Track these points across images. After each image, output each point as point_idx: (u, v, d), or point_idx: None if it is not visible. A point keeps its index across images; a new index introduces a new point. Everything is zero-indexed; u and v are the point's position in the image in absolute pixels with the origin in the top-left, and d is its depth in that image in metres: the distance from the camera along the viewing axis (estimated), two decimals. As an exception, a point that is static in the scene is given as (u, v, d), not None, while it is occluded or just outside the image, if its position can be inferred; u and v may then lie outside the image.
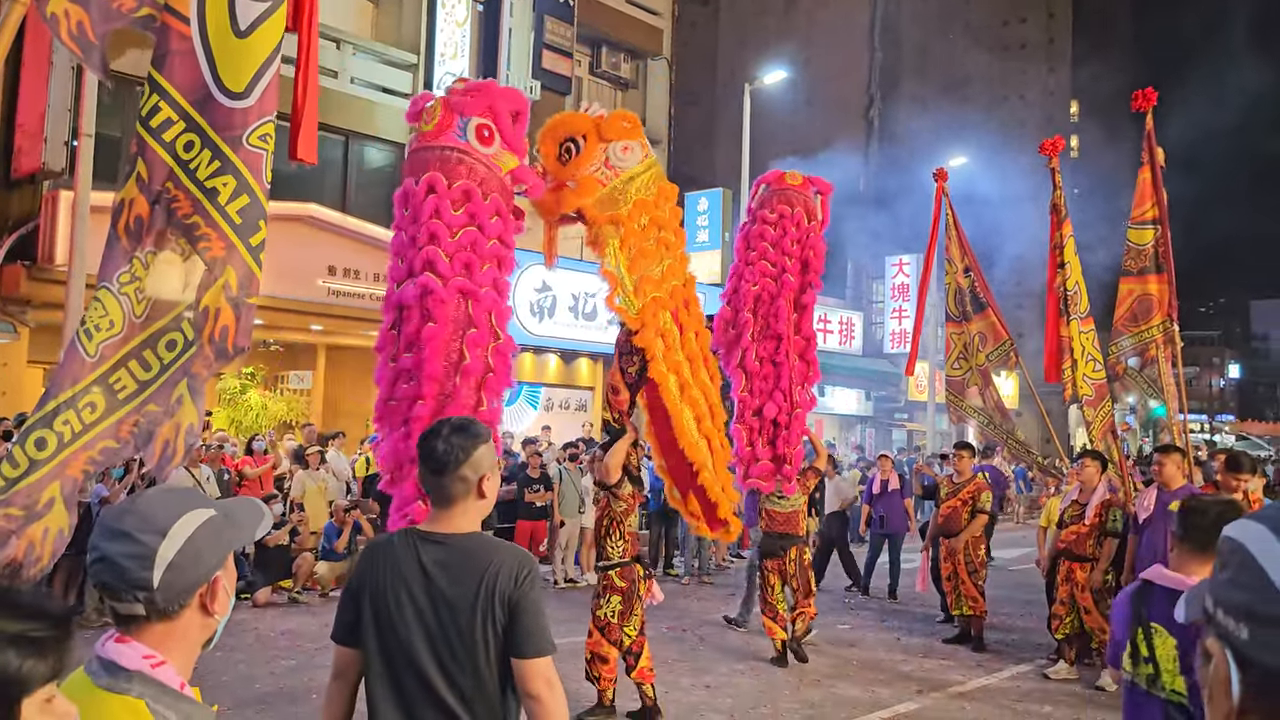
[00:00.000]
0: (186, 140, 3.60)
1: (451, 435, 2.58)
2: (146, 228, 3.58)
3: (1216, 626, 0.87)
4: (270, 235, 12.33)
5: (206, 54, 3.62)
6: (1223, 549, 0.90)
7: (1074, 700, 7.69)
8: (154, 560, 1.58)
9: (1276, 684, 0.81)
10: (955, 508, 9.87)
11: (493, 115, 5.79)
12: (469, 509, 2.62)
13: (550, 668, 2.53)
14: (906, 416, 31.19)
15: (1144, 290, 8.90)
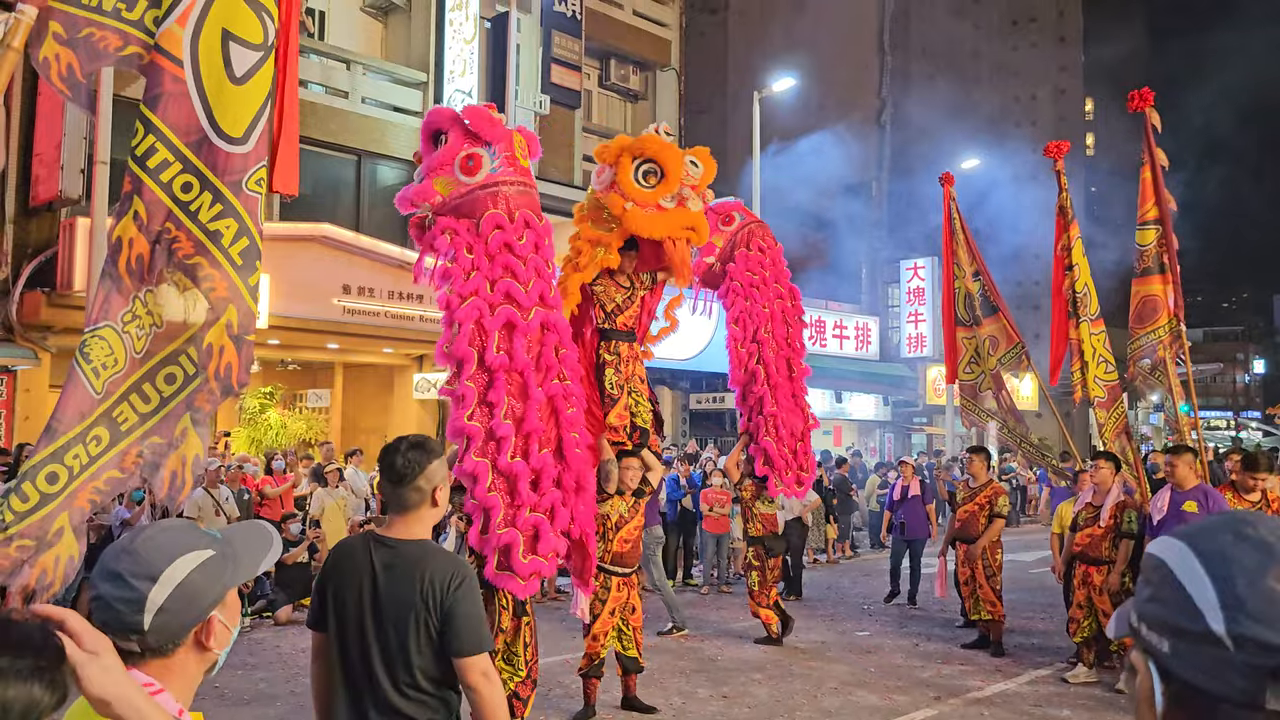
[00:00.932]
0: (184, 182, 3.68)
1: (409, 451, 2.93)
2: (148, 267, 3.67)
3: (1142, 641, 0.91)
4: (285, 255, 12.49)
5: (201, 98, 3.68)
6: (1146, 566, 0.94)
7: (1093, 704, 7.66)
8: (144, 605, 1.61)
9: (1195, 696, 0.85)
10: (972, 512, 9.83)
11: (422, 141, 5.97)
12: (423, 516, 2.96)
13: (485, 662, 2.82)
14: (925, 421, 31.06)
15: (1148, 291, 8.89)
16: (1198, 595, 0.85)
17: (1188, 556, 0.88)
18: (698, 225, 7.13)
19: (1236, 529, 0.88)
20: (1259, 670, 0.81)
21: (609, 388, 7.37)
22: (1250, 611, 0.82)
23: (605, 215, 7.10)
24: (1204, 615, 0.84)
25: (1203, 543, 0.89)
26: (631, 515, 7.29)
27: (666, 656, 9.21)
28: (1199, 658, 0.84)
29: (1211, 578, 0.85)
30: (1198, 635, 0.84)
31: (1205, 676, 0.84)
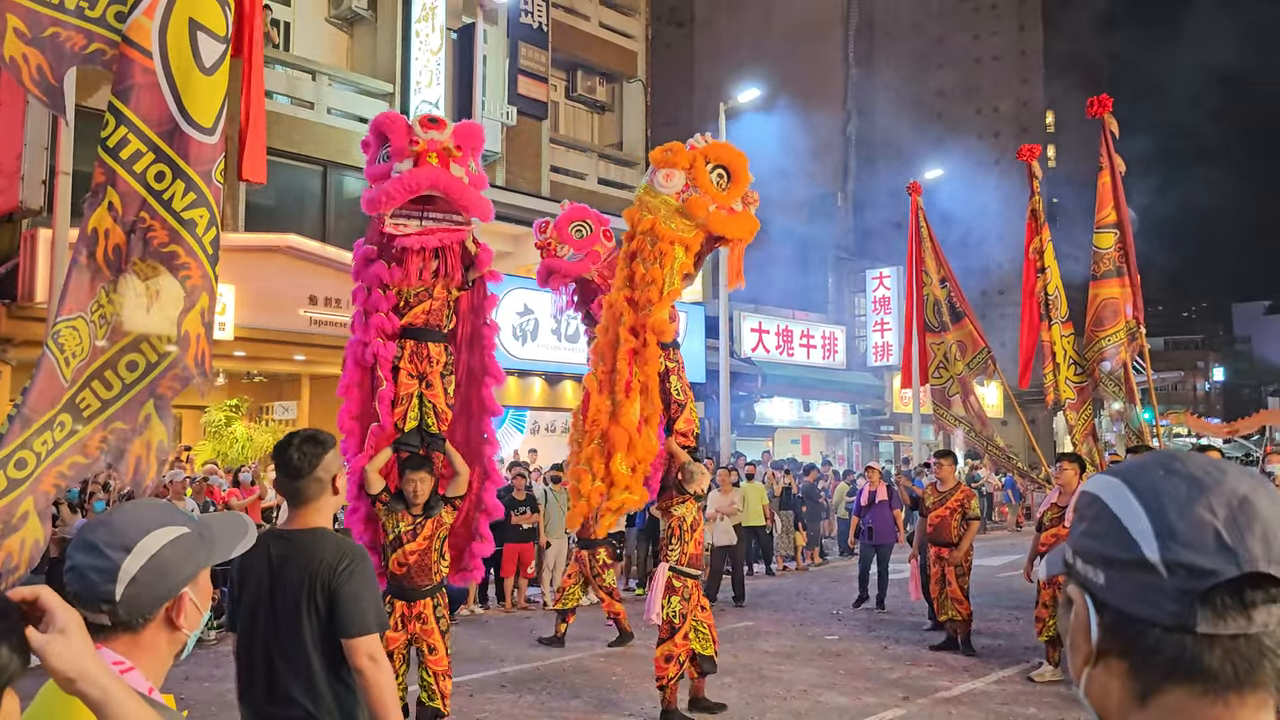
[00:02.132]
0: (157, 171, 3.70)
1: (303, 444, 3.00)
2: (125, 256, 3.69)
3: (1076, 575, 0.95)
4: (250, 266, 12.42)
5: (171, 88, 3.71)
6: (1080, 504, 0.98)
7: (1059, 702, 7.75)
8: (117, 575, 1.61)
9: (1129, 623, 0.89)
10: (945, 516, 9.91)
11: None
12: (321, 507, 3.04)
13: (373, 644, 2.86)
14: (892, 429, 31.28)
15: (1107, 295, 9.05)
16: (1132, 526, 0.90)
17: (1122, 490, 0.92)
18: (754, 229, 7.35)
19: (1166, 464, 0.93)
20: (1189, 594, 0.85)
21: (675, 394, 7.38)
22: (1181, 538, 0.86)
23: (681, 216, 7.15)
24: (1139, 544, 0.88)
25: (1135, 478, 0.93)
26: (699, 519, 7.40)
27: (636, 662, 9.21)
28: (1133, 585, 0.88)
29: (1145, 509, 0.90)
30: (1132, 564, 0.88)
31: (1139, 603, 0.88)
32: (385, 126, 6.03)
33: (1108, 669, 0.92)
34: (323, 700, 2.87)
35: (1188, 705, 0.87)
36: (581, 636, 10.52)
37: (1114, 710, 0.92)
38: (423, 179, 5.82)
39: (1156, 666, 0.88)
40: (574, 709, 7.57)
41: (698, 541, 7.36)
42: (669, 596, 7.20)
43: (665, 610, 7.19)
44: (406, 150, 5.89)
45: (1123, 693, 0.91)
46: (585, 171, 22.49)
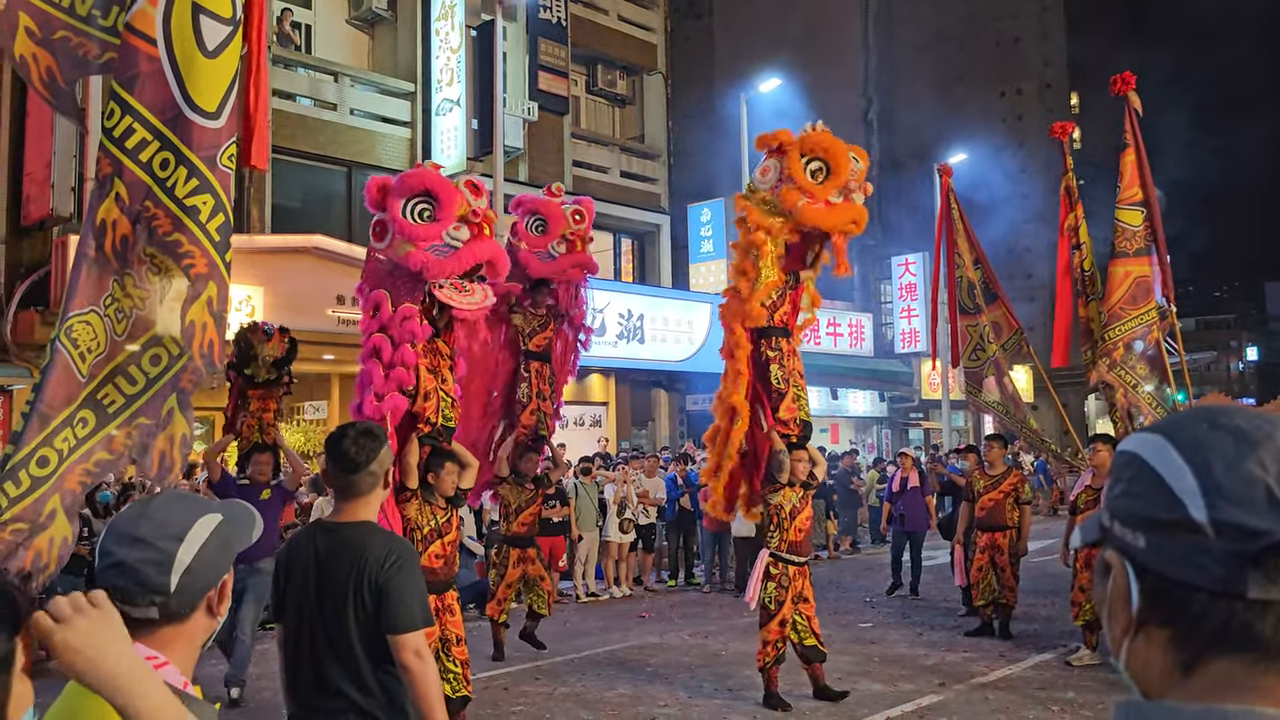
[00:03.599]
0: (162, 159, 3.67)
1: (360, 438, 2.99)
2: (130, 246, 3.68)
3: (1114, 540, 0.89)
4: (277, 267, 12.50)
5: (175, 73, 3.69)
6: (1117, 464, 0.92)
7: (1098, 685, 7.68)
8: (172, 565, 1.61)
9: (1172, 589, 0.83)
10: (998, 500, 9.82)
11: None
12: (371, 501, 3.04)
13: (419, 640, 2.85)
14: (921, 416, 31.09)
15: (1140, 272, 8.91)
16: (1176, 484, 0.83)
17: (1164, 447, 0.86)
18: (860, 219, 7.38)
19: (1211, 418, 0.87)
20: (1238, 556, 0.79)
21: (775, 382, 7.51)
22: (1230, 496, 0.81)
23: (775, 209, 7.31)
24: (1183, 503, 0.82)
25: (1178, 433, 0.87)
26: (802, 506, 7.44)
27: (671, 653, 9.23)
28: (1176, 548, 0.83)
29: (1190, 465, 0.84)
30: (1175, 525, 0.83)
31: (1183, 567, 0.82)
32: (434, 186, 6.07)
33: (1149, 639, 0.86)
34: (371, 693, 2.87)
35: (1236, 676, 0.81)
36: (615, 629, 10.54)
37: (1156, 683, 0.86)
38: (487, 250, 6.14)
39: (1202, 635, 0.82)
40: (609, 700, 7.59)
41: (799, 529, 7.39)
42: (766, 583, 7.32)
43: (762, 595, 7.34)
44: (459, 217, 6.04)
45: (1165, 664, 0.85)
46: (607, 165, 22.47)
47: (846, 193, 7.29)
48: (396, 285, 6.16)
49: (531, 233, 8.65)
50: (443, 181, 6.15)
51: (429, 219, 6.03)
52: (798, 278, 7.80)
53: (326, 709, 2.91)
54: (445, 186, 6.08)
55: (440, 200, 6.02)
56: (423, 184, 6.10)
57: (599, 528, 12.94)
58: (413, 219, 6.03)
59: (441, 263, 5.97)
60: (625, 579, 13.28)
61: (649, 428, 22.56)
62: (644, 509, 13.44)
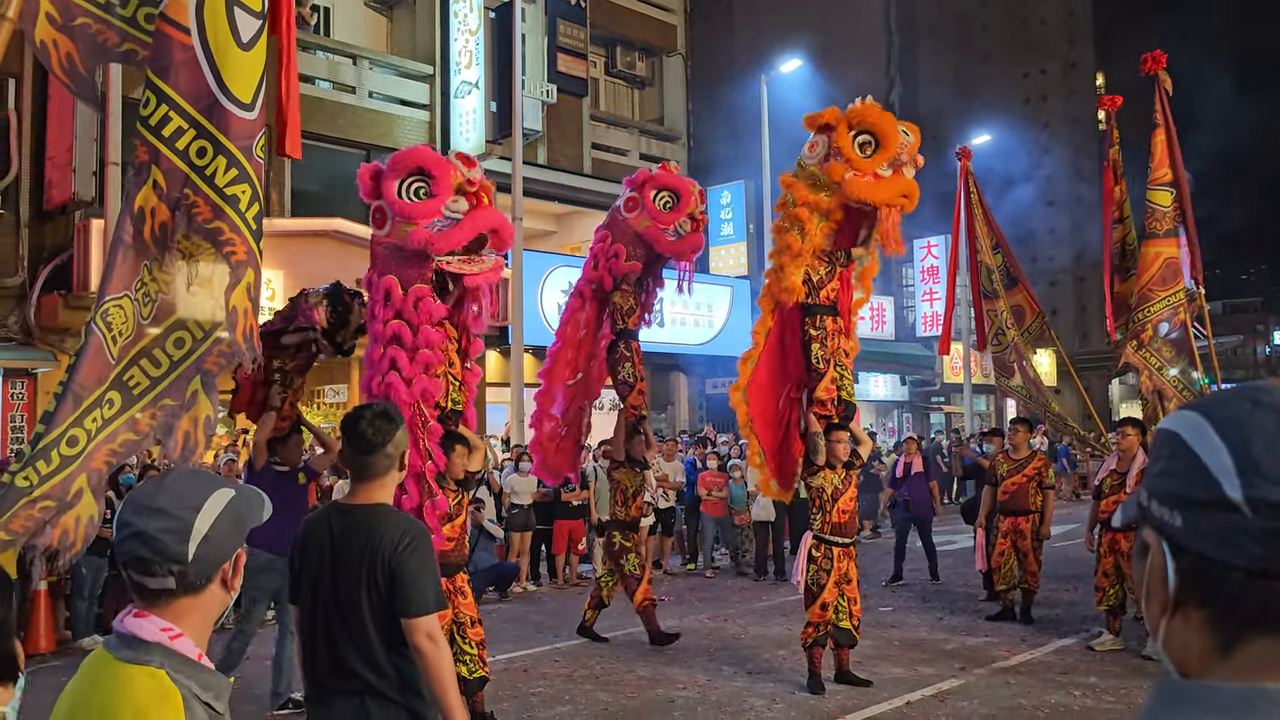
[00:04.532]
0: (199, 147, 3.72)
1: (377, 419, 2.97)
2: (170, 233, 3.74)
3: (1151, 519, 0.88)
4: (298, 251, 12.55)
5: (210, 63, 3.73)
6: (1156, 442, 0.91)
7: (1121, 670, 7.63)
8: (190, 534, 1.63)
9: (1209, 568, 0.82)
10: (1021, 484, 9.73)
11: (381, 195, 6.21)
12: (387, 483, 3.03)
13: (432, 624, 2.85)
14: (943, 400, 30.94)
15: (1170, 253, 8.78)
16: (1212, 462, 0.82)
17: (1202, 425, 0.85)
18: (911, 192, 7.24)
19: (1254, 396, 0.85)
20: (1276, 535, 0.79)
21: (815, 362, 7.43)
22: (1267, 474, 0.80)
23: (822, 184, 7.24)
24: (1220, 482, 0.81)
25: (1218, 411, 0.86)
26: (845, 487, 7.38)
27: (690, 637, 9.22)
28: (1213, 527, 0.82)
29: (1227, 443, 0.82)
30: (1212, 504, 0.82)
31: (1219, 546, 0.81)
32: (426, 162, 6.07)
33: (1187, 619, 0.85)
34: (385, 674, 2.87)
35: (1275, 657, 0.80)
36: (634, 612, 10.53)
37: (1195, 664, 0.85)
38: (490, 219, 6.08)
39: (1240, 615, 0.81)
40: (628, 682, 7.59)
41: (842, 510, 7.32)
42: (809, 565, 7.31)
43: (806, 577, 7.32)
44: (457, 189, 6.03)
45: (1204, 645, 0.84)
46: (627, 148, 22.40)
47: (897, 166, 7.15)
48: (404, 268, 6.12)
49: (661, 208, 8.46)
50: (433, 156, 6.15)
51: (426, 196, 6.00)
52: (849, 255, 7.66)
53: (341, 690, 2.91)
54: (436, 161, 6.08)
55: (434, 175, 6.00)
56: (414, 162, 6.10)
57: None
58: (410, 198, 6.02)
59: (445, 236, 5.93)
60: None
61: (668, 411, 22.54)
62: (663, 493, 13.43)
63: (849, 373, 7.60)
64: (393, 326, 6.11)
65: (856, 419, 7.79)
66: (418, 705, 2.90)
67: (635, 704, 7.02)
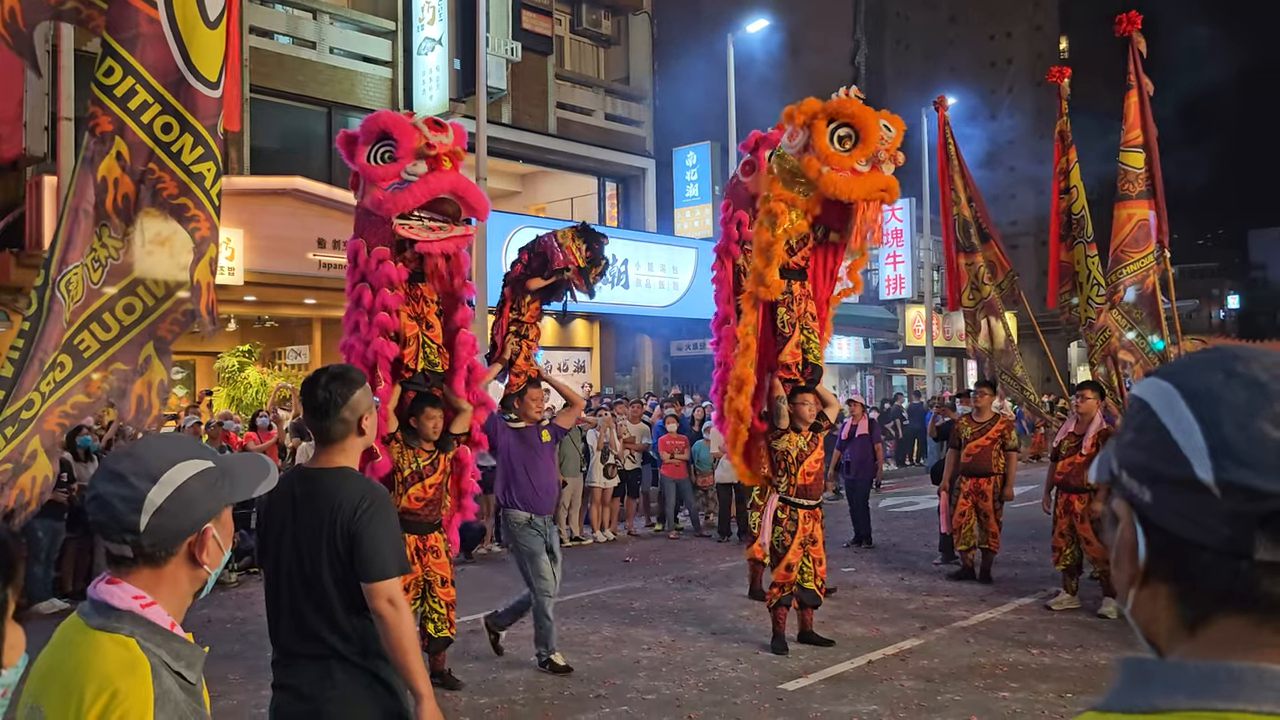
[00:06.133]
0: (164, 123, 3.75)
1: (330, 383, 2.94)
2: (134, 206, 3.77)
3: (1122, 489, 0.86)
4: (257, 210, 12.37)
5: (177, 40, 3.75)
6: (1130, 409, 0.88)
7: (1077, 629, 7.78)
8: (142, 505, 1.60)
9: (1178, 546, 0.81)
10: (985, 446, 9.87)
11: None
12: (348, 447, 2.98)
13: (393, 588, 2.83)
14: (905, 363, 31.21)
15: (1141, 216, 8.85)
16: (1183, 440, 0.80)
17: (1173, 398, 0.82)
18: (890, 188, 7.18)
19: (1228, 366, 0.82)
20: (1247, 518, 0.77)
21: (780, 325, 7.41)
22: (1239, 456, 0.77)
23: (799, 178, 7.16)
24: (1189, 462, 0.79)
25: (1190, 381, 0.83)
26: (811, 449, 7.37)
27: (654, 597, 9.28)
28: (1182, 506, 0.80)
29: (1199, 420, 0.80)
30: (1181, 482, 0.79)
31: (1190, 526, 0.79)
32: (390, 126, 6.07)
33: (1155, 593, 0.84)
34: (348, 638, 2.86)
35: (1241, 635, 0.79)
36: (600, 573, 10.60)
37: (1162, 637, 0.84)
38: (445, 183, 6.00)
39: (1207, 594, 0.80)
40: (593, 643, 7.64)
41: (807, 472, 7.33)
42: (775, 526, 7.35)
43: (771, 538, 7.36)
44: (418, 153, 5.99)
45: (1171, 620, 0.83)
46: (592, 107, 22.19)
47: (875, 162, 7.09)
48: (371, 232, 6.16)
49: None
50: (397, 119, 6.15)
51: (389, 159, 6.03)
52: (827, 231, 7.58)
53: (306, 654, 2.91)
54: (400, 124, 6.08)
55: (397, 138, 6.01)
56: (379, 125, 6.12)
57: (583, 473, 12.97)
58: (376, 162, 6.05)
59: (395, 197, 5.92)
60: (609, 524, 13.34)
61: (633, 373, 22.55)
62: (629, 454, 13.47)
63: (816, 336, 7.59)
64: (357, 289, 6.19)
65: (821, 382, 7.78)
66: (381, 668, 2.89)
67: (600, 664, 7.07)
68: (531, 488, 6.99)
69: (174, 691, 1.57)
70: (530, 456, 7.06)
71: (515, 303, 7.67)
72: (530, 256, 7.63)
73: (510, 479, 7.04)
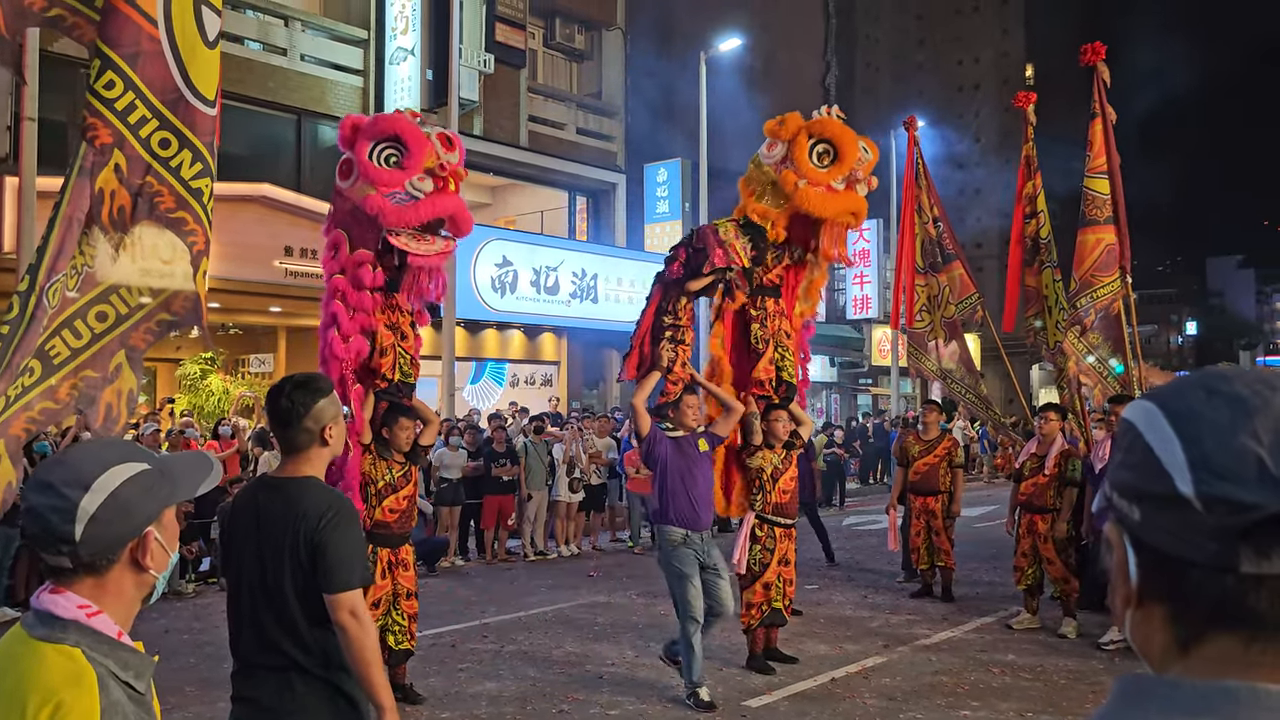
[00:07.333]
0: (162, 138, 3.82)
1: (294, 391, 2.89)
2: (130, 218, 3.82)
3: (1114, 511, 0.87)
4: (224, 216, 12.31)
5: (176, 59, 3.83)
6: (1119, 430, 0.89)
7: (1037, 648, 7.84)
8: (75, 514, 1.55)
9: (1168, 564, 0.81)
10: (932, 464, 9.96)
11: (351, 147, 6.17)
12: (312, 457, 2.93)
13: (355, 600, 2.78)
14: (871, 381, 31.42)
15: (1111, 240, 8.95)
16: (1165, 457, 0.81)
17: (1156, 417, 0.83)
18: (859, 211, 7.22)
19: (1210, 385, 0.83)
20: (1230, 531, 0.77)
21: (754, 342, 7.38)
22: (1219, 470, 0.78)
23: (775, 190, 7.17)
24: (1172, 478, 0.80)
25: (1173, 401, 0.84)
26: (785, 466, 7.33)
27: (619, 613, 9.25)
28: (1169, 523, 0.80)
29: (1180, 437, 0.81)
30: (1166, 499, 0.80)
31: (1176, 542, 0.80)
32: (405, 133, 6.00)
33: (1149, 614, 0.84)
34: (309, 650, 2.81)
35: (1234, 653, 0.79)
36: (564, 588, 10.55)
37: (1156, 657, 0.84)
38: (449, 206, 6.01)
39: (1197, 611, 0.80)
40: (556, 658, 7.59)
41: (783, 490, 7.30)
42: (751, 545, 7.29)
43: (749, 557, 7.30)
44: (425, 169, 5.95)
45: (1165, 640, 0.83)
46: (564, 121, 22.23)
47: (851, 182, 7.15)
48: (356, 228, 6.11)
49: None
50: (415, 130, 6.06)
51: (395, 165, 5.95)
52: (803, 253, 7.58)
53: (267, 665, 2.85)
54: (416, 135, 6.00)
55: (409, 148, 5.94)
56: (394, 129, 6.02)
57: (548, 487, 12.92)
58: (378, 163, 5.96)
59: (399, 211, 5.88)
60: (574, 538, 13.29)
61: (600, 388, 22.53)
62: (595, 469, 13.44)
63: (790, 354, 7.61)
64: (336, 281, 6.15)
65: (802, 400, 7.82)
66: (343, 681, 2.84)
67: (564, 680, 7.02)
68: (689, 501, 6.42)
69: (122, 703, 1.52)
70: (687, 467, 6.47)
71: (670, 304, 7.23)
72: (689, 253, 7.20)
73: (665, 492, 6.46)
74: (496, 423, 13.39)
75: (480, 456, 12.63)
